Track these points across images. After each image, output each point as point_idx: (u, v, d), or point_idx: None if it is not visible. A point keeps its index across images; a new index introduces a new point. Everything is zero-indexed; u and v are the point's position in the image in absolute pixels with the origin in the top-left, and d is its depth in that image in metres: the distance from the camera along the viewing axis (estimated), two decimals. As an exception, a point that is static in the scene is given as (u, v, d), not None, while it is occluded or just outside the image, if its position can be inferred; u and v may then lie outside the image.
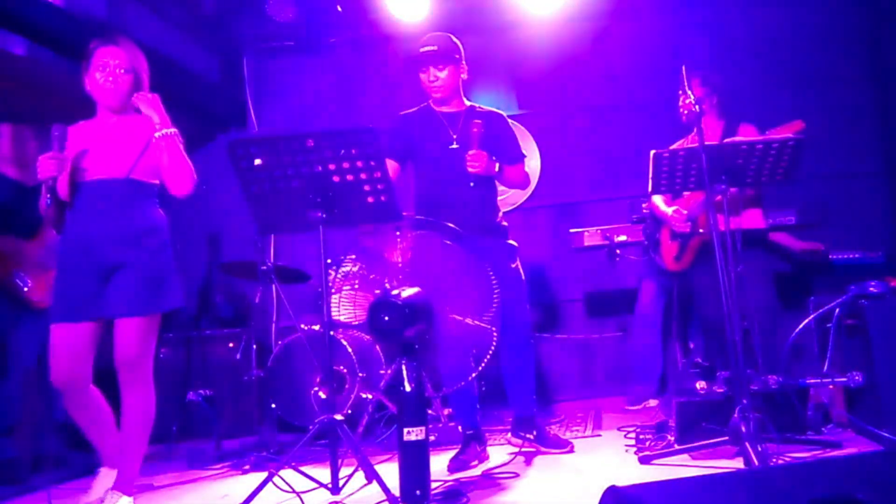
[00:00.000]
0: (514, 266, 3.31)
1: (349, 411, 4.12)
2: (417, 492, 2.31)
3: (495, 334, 2.50)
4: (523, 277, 3.37)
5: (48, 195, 2.69)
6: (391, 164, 3.35)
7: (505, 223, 3.43)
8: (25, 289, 3.66)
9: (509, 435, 3.51)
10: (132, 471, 2.80)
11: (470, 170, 3.15)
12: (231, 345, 4.87)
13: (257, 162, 2.70)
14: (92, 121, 2.96)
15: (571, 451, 3.33)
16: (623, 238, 4.71)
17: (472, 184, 3.15)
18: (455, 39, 3.37)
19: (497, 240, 3.31)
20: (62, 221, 2.85)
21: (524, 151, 3.52)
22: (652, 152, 3.04)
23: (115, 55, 2.88)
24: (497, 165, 3.29)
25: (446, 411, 3.98)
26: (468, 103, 3.42)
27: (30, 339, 3.72)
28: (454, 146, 3.28)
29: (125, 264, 2.77)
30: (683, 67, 3.06)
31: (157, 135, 2.83)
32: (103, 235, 2.77)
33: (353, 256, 4.79)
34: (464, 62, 3.37)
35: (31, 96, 4.56)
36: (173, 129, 2.85)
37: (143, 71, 2.97)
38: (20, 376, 3.69)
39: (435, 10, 5.19)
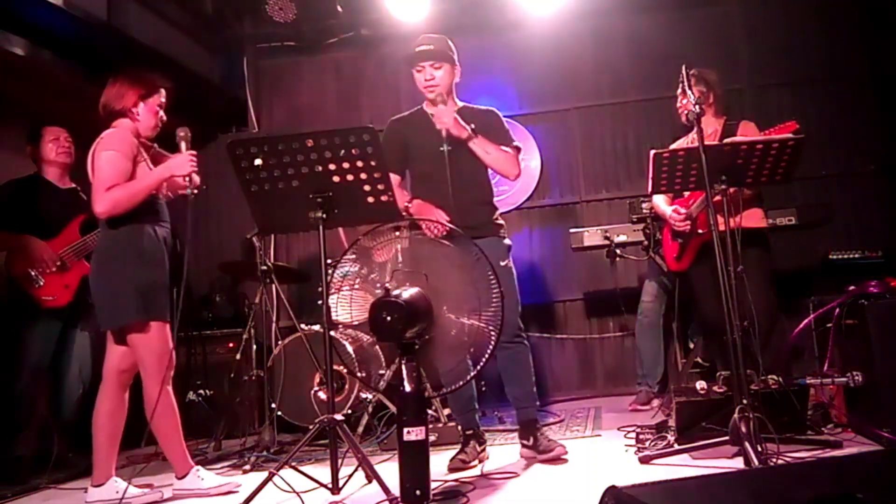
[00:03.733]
0: (504, 264, 3.25)
1: (349, 411, 4.12)
2: (417, 492, 2.30)
3: (493, 334, 2.49)
4: (514, 276, 3.33)
5: (192, 192, 2.99)
6: (393, 178, 3.27)
7: (500, 221, 3.39)
8: (37, 287, 3.67)
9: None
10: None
11: (437, 126, 3.12)
12: (231, 345, 4.87)
13: (257, 162, 2.70)
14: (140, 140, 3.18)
15: (564, 461, 3.18)
16: (623, 238, 4.70)
17: (464, 180, 3.12)
18: (450, 41, 3.35)
19: (489, 238, 3.25)
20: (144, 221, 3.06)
21: (519, 144, 3.40)
22: (652, 152, 3.04)
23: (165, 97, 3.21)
24: (470, 132, 3.20)
25: (446, 411, 3.98)
26: (461, 104, 3.41)
27: (44, 339, 3.73)
28: (445, 148, 3.20)
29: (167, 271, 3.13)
30: (683, 67, 3.06)
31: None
32: (171, 247, 3.15)
33: (353, 256, 4.79)
34: (458, 64, 3.35)
35: (31, 96, 4.57)
36: None
37: None
38: (32, 375, 3.69)
39: (435, 10, 5.19)
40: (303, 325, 4.35)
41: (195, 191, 3.00)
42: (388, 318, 2.27)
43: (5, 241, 3.72)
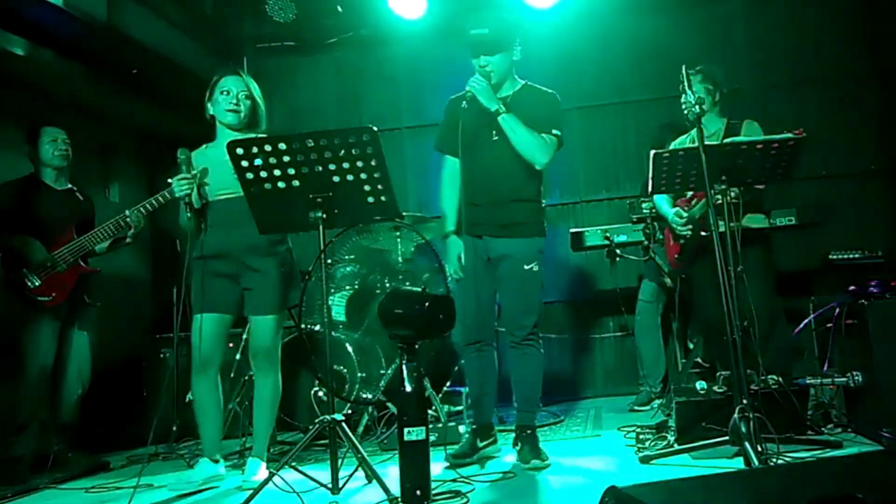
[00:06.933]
0: (528, 268, 3.16)
1: (349, 411, 4.12)
2: (417, 492, 2.31)
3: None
4: (541, 281, 3.21)
5: (189, 212, 3.12)
6: (454, 162, 3.25)
7: (540, 220, 3.26)
8: (33, 287, 3.67)
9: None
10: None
11: (466, 87, 3.09)
12: (231, 345, 4.86)
13: (258, 162, 2.71)
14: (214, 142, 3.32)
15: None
16: (623, 238, 4.70)
17: (503, 173, 3.12)
18: (508, 17, 3.23)
19: (519, 240, 3.18)
20: (198, 232, 3.21)
21: (559, 134, 3.21)
22: (652, 152, 3.04)
23: (237, 84, 3.29)
24: (500, 106, 3.10)
25: (446, 409, 3.98)
26: (521, 82, 3.30)
27: (44, 339, 3.73)
28: (495, 138, 3.18)
29: (258, 270, 3.18)
30: (684, 67, 3.06)
31: None
32: (240, 245, 3.15)
33: (353, 256, 4.79)
34: (517, 43, 3.21)
35: (32, 96, 4.56)
36: None
37: (258, 97, 3.36)
38: (30, 376, 3.69)
39: (434, 9, 5.19)
40: (303, 325, 4.35)
41: (188, 214, 3.13)
42: (441, 317, 2.29)
43: (1, 242, 3.72)
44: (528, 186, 3.25)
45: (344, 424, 2.66)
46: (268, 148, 2.69)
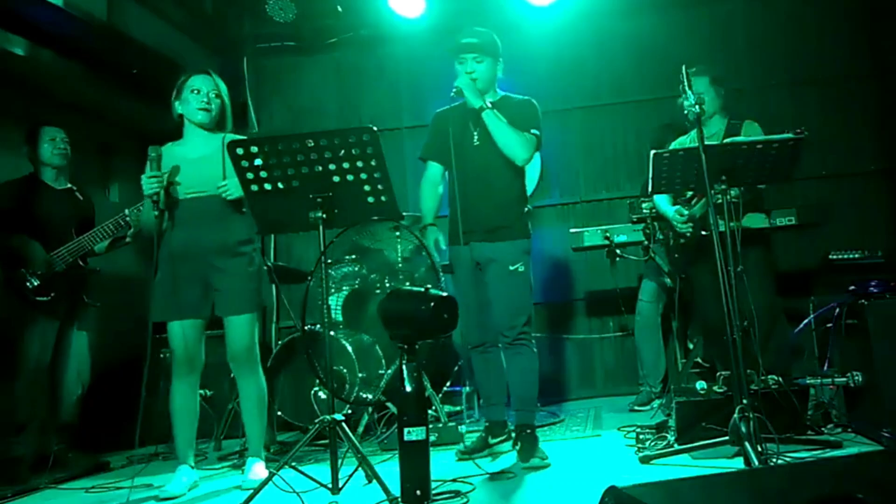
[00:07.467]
0: (513, 269, 3.22)
1: (349, 411, 4.12)
2: (417, 492, 2.31)
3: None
4: (528, 281, 3.28)
5: (155, 210, 3.05)
6: (437, 168, 3.44)
7: (526, 221, 3.34)
8: (32, 287, 3.67)
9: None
10: None
11: (454, 84, 3.18)
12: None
13: (258, 162, 2.71)
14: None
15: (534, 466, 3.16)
16: (623, 238, 4.70)
17: (487, 179, 3.18)
18: (496, 36, 3.36)
19: (502, 243, 3.24)
20: (162, 231, 3.15)
21: (538, 134, 3.28)
22: (652, 152, 3.04)
23: (207, 83, 3.27)
24: (485, 103, 3.19)
25: (446, 409, 3.98)
26: (501, 94, 3.39)
27: (42, 339, 3.72)
28: (476, 143, 3.27)
29: (225, 270, 3.14)
30: (684, 67, 3.06)
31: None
32: (207, 245, 3.13)
33: (354, 256, 4.79)
34: (501, 59, 3.36)
35: (31, 96, 4.56)
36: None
37: (225, 97, 3.36)
38: (29, 376, 3.69)
39: (434, 9, 5.18)
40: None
41: (156, 211, 3.07)
42: (446, 316, 2.30)
43: (0, 242, 3.72)
44: (511, 189, 3.34)
45: (344, 424, 2.66)
46: (267, 148, 2.69)
